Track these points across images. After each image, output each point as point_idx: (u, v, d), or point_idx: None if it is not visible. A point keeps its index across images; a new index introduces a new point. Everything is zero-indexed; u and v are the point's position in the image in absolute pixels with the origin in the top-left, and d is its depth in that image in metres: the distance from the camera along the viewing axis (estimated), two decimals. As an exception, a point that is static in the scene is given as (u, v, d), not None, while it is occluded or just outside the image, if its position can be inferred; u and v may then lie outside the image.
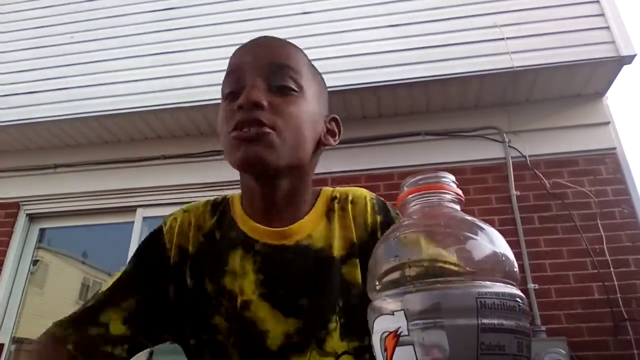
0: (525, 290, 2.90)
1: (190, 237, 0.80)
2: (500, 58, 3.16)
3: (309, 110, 0.76)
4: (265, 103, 0.70)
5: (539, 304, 2.88)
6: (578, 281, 2.93)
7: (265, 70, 0.73)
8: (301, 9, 3.56)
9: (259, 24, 3.49)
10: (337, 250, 0.76)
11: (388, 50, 3.32)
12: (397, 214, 0.81)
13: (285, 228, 0.76)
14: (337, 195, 0.84)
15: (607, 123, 3.32)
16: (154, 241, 0.81)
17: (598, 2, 3.24)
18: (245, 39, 0.81)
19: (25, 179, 3.86)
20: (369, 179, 3.40)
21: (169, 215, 0.85)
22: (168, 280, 0.77)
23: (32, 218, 3.86)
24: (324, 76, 0.90)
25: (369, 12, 3.49)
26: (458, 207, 0.43)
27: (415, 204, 0.43)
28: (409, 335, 0.35)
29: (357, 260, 0.75)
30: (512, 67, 3.10)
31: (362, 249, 0.76)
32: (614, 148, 3.24)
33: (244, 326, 0.72)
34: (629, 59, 3.07)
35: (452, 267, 0.36)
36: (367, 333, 0.68)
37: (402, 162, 3.37)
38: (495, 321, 0.34)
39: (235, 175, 0.79)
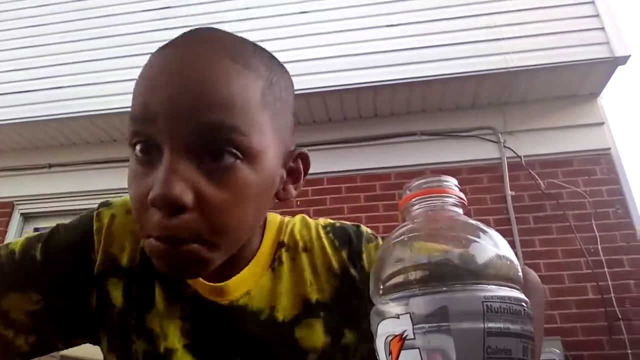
0: (520, 290, 2.91)
1: (127, 247, 0.64)
2: (496, 58, 3.17)
3: (261, 175, 0.52)
4: (189, 201, 0.47)
5: (534, 303, 2.90)
6: (572, 281, 2.94)
7: (191, 136, 0.48)
8: (299, 9, 3.55)
9: (257, 24, 3.48)
10: (284, 311, 0.63)
11: (385, 50, 3.33)
12: (358, 229, 0.69)
13: (220, 284, 0.61)
14: (285, 240, 0.66)
15: (602, 123, 3.34)
16: (79, 236, 0.64)
17: (593, 3, 3.26)
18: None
19: (19, 178, 3.84)
20: (365, 178, 3.40)
21: (107, 207, 0.66)
22: (89, 287, 0.63)
23: (26, 218, 3.84)
24: (321, 76, 0.70)
25: (367, 11, 3.49)
26: (460, 211, 0.43)
27: (418, 208, 0.43)
28: (414, 338, 0.35)
29: (316, 320, 0.63)
30: (508, 68, 3.12)
31: (336, 299, 0.64)
32: (609, 148, 3.26)
33: None
34: (623, 60, 3.09)
35: (457, 270, 0.36)
36: None
37: (398, 162, 3.37)
38: (502, 325, 0.34)
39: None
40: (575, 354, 2.74)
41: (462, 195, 0.43)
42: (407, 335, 0.35)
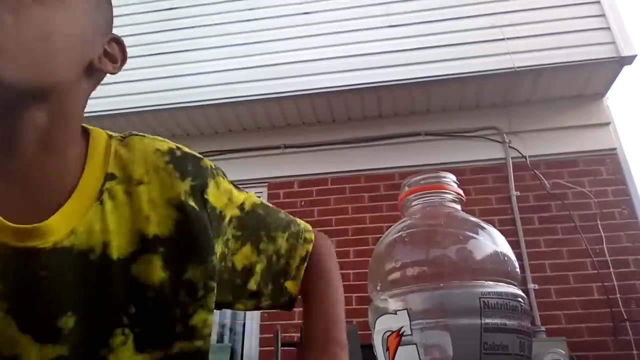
0: (525, 291, 2.89)
1: None
2: (500, 58, 3.16)
3: (70, 19, 0.55)
4: None
5: (539, 304, 2.88)
6: (578, 281, 2.93)
7: None
8: (301, 10, 3.55)
9: (260, 24, 3.48)
10: (118, 248, 0.57)
11: (388, 51, 3.33)
12: (200, 161, 0.65)
13: (37, 225, 0.52)
14: (116, 172, 0.60)
15: (608, 124, 3.32)
16: None
17: (599, 2, 3.24)
18: (246, 39, 0.66)
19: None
20: (369, 179, 3.40)
21: None
22: None
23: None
24: (324, 77, 0.72)
25: (369, 12, 3.49)
26: (459, 207, 0.43)
27: (417, 204, 0.43)
28: (411, 334, 0.35)
29: (154, 255, 0.58)
30: (513, 68, 3.11)
31: (177, 233, 0.60)
32: (614, 149, 3.24)
33: None
34: (629, 60, 3.08)
35: (454, 267, 0.36)
36: (172, 339, 0.59)
37: (402, 163, 3.37)
38: (498, 321, 0.34)
39: (244, 174, 0.72)
40: (580, 354, 2.72)
41: (461, 192, 0.43)
42: (404, 332, 0.35)
